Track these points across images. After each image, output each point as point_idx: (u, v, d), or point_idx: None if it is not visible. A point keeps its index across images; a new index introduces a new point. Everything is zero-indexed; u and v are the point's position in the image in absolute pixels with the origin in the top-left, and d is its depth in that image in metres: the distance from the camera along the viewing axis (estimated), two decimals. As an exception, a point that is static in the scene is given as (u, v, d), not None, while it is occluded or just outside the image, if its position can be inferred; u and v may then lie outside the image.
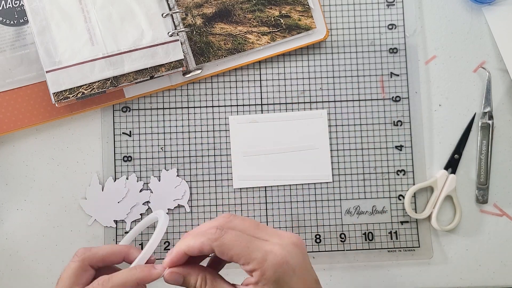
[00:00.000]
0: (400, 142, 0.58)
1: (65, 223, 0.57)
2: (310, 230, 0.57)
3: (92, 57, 0.53)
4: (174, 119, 0.58)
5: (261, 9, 0.57)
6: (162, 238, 0.56)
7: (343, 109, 0.58)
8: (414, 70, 0.59)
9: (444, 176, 0.57)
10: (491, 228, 0.58)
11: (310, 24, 0.57)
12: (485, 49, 0.59)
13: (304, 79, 0.59)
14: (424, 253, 0.57)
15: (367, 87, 0.59)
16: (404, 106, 0.59)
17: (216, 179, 0.57)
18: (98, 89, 0.53)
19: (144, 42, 0.54)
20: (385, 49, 0.59)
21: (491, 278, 0.57)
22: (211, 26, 0.57)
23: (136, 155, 0.57)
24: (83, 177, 0.57)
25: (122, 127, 0.58)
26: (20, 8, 0.56)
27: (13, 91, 0.56)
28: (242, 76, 0.58)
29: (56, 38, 0.53)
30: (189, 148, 0.58)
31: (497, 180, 0.58)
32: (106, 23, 0.54)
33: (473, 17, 0.60)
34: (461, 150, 0.58)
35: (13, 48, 0.56)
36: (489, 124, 0.58)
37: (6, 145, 0.57)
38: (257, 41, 0.57)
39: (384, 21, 0.59)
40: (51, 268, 0.56)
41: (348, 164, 0.58)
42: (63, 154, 0.57)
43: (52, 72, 0.53)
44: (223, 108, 0.58)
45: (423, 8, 0.60)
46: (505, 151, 0.59)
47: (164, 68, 0.54)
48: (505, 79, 0.59)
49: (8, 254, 0.56)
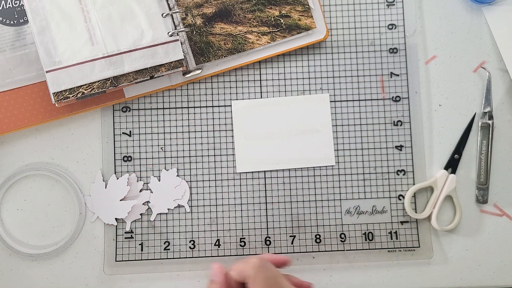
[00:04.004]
0: (400, 142, 0.58)
1: (65, 223, 0.57)
2: (310, 230, 0.57)
3: (92, 57, 0.53)
4: (174, 119, 0.58)
5: (261, 9, 0.57)
6: (162, 238, 0.57)
7: (343, 109, 0.58)
8: (414, 70, 0.59)
9: (444, 176, 0.57)
10: (491, 228, 0.58)
11: (310, 24, 0.57)
12: (485, 49, 0.60)
13: (304, 79, 0.59)
14: (424, 253, 0.57)
15: (367, 87, 0.59)
16: (404, 106, 0.59)
17: (216, 179, 0.57)
18: (98, 89, 0.53)
19: (144, 42, 0.54)
20: (385, 49, 0.59)
21: (491, 278, 0.57)
22: (211, 26, 0.57)
23: (136, 155, 0.57)
24: (83, 177, 0.57)
25: (122, 127, 0.58)
26: (20, 8, 0.56)
27: (13, 91, 0.56)
28: (242, 76, 0.58)
29: (56, 38, 0.53)
30: (189, 148, 0.58)
31: (497, 180, 0.58)
32: (106, 23, 0.54)
33: (473, 17, 0.60)
34: (461, 150, 0.58)
35: (13, 48, 0.56)
36: (489, 124, 0.58)
37: (6, 145, 0.57)
38: (257, 41, 0.57)
39: (384, 21, 0.59)
40: (51, 268, 0.56)
41: (348, 164, 0.58)
42: (63, 154, 0.57)
43: (52, 72, 0.53)
44: (223, 108, 0.58)
45: (423, 8, 0.60)
46: (505, 151, 0.59)
47: (164, 68, 0.54)
48: (505, 79, 0.59)
49: (8, 254, 0.56)
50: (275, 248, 0.57)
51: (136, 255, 0.56)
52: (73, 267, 0.56)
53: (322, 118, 0.58)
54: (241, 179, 0.57)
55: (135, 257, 0.56)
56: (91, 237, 0.57)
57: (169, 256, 0.57)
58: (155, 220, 0.57)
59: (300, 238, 0.57)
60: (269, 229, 0.57)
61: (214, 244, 0.57)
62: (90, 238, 0.57)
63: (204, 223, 0.57)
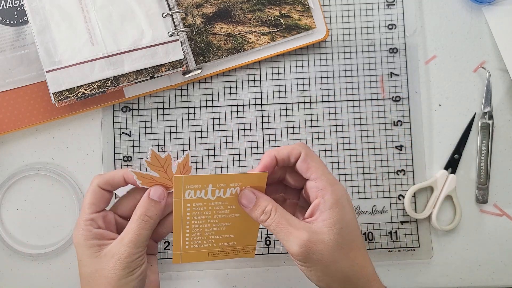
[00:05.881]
0: (400, 142, 0.58)
1: (65, 223, 0.57)
2: (310, 230, 0.57)
3: (92, 57, 0.53)
4: (174, 119, 0.58)
5: (261, 9, 0.57)
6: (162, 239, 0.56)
7: (343, 109, 0.58)
8: (414, 70, 0.59)
9: (444, 176, 0.57)
10: (491, 228, 0.58)
11: (310, 24, 0.57)
12: (485, 49, 0.59)
13: (304, 79, 0.59)
14: (424, 253, 0.57)
15: (367, 87, 0.59)
16: (404, 106, 0.59)
17: (216, 179, 0.57)
18: (98, 89, 0.53)
19: (144, 42, 0.54)
20: (385, 49, 0.59)
21: (491, 278, 0.57)
22: (211, 26, 0.57)
23: (136, 155, 0.57)
24: (83, 177, 0.57)
25: (122, 127, 0.58)
26: (20, 8, 0.56)
27: (13, 91, 0.56)
28: (242, 76, 0.58)
29: (56, 38, 0.53)
30: (189, 148, 0.58)
31: (497, 180, 0.58)
32: (106, 23, 0.54)
33: (473, 17, 0.60)
34: (461, 150, 0.58)
35: (13, 48, 0.56)
36: (489, 124, 0.58)
37: (6, 145, 0.57)
38: (257, 41, 0.57)
39: (384, 21, 0.59)
40: (51, 268, 0.56)
41: (348, 164, 0.58)
42: (63, 154, 0.57)
43: (52, 72, 0.53)
44: (223, 108, 0.58)
45: (423, 8, 0.60)
46: (505, 151, 0.59)
47: (164, 68, 0.54)
48: (505, 79, 0.59)
49: (8, 254, 0.56)
50: (275, 248, 0.57)
51: (136, 255, 0.56)
52: (73, 267, 0.56)
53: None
54: (241, 179, 0.57)
55: (135, 257, 0.56)
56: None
57: (169, 256, 0.57)
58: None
59: (300, 238, 0.57)
60: (269, 229, 0.57)
61: (214, 244, 0.57)
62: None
63: (204, 223, 0.57)
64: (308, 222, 0.43)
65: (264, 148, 0.58)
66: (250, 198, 0.44)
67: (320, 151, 0.58)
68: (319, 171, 0.44)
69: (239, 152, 0.58)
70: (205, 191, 0.44)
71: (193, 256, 0.48)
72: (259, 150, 0.58)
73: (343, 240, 0.42)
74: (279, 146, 0.45)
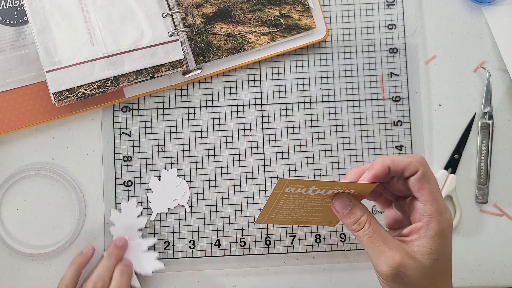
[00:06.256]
0: (400, 142, 0.58)
1: (65, 223, 0.57)
2: (310, 230, 0.57)
3: (92, 57, 0.53)
4: (174, 119, 0.58)
5: (261, 9, 0.57)
6: (162, 238, 0.57)
7: (343, 109, 0.58)
8: (414, 70, 0.59)
9: (444, 176, 0.57)
10: (491, 228, 0.58)
11: (310, 24, 0.57)
12: (485, 49, 0.59)
13: (304, 79, 0.59)
14: (424, 253, 0.57)
15: (367, 87, 0.59)
16: (404, 106, 0.59)
17: (216, 179, 0.57)
18: (98, 89, 0.53)
19: (144, 42, 0.54)
20: (385, 49, 0.59)
21: (491, 278, 0.57)
22: (211, 26, 0.57)
23: (136, 155, 0.57)
24: (83, 177, 0.57)
25: (122, 127, 0.58)
26: (20, 8, 0.56)
27: (13, 91, 0.56)
28: (242, 76, 0.58)
29: (56, 38, 0.53)
30: (189, 148, 0.58)
31: (497, 180, 0.58)
32: (106, 23, 0.54)
33: (473, 17, 0.60)
34: (461, 150, 0.58)
35: (13, 48, 0.56)
36: (489, 124, 0.58)
37: (6, 145, 0.57)
38: (257, 41, 0.57)
39: (384, 21, 0.59)
40: (51, 268, 0.56)
41: (348, 164, 0.58)
42: (63, 154, 0.57)
43: (52, 72, 0.53)
44: (223, 108, 0.58)
45: (423, 8, 0.60)
46: (505, 151, 0.59)
47: (164, 68, 0.54)
48: (505, 79, 0.59)
49: (8, 254, 0.56)
50: (275, 248, 0.57)
51: (136, 255, 0.56)
52: (73, 267, 0.56)
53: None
54: (241, 179, 0.57)
55: (135, 257, 0.56)
56: (91, 237, 0.57)
57: (169, 256, 0.57)
58: (155, 220, 0.57)
59: (300, 238, 0.57)
60: (269, 229, 0.57)
61: (214, 244, 0.57)
62: (90, 238, 0.57)
63: (204, 223, 0.57)
64: (402, 241, 0.42)
65: (264, 148, 0.58)
66: (345, 204, 0.43)
67: (320, 151, 0.58)
68: (431, 195, 0.41)
69: (239, 152, 0.58)
70: (306, 189, 0.43)
71: (276, 221, 0.48)
72: (259, 150, 0.58)
73: (435, 271, 0.41)
74: (394, 154, 0.41)
